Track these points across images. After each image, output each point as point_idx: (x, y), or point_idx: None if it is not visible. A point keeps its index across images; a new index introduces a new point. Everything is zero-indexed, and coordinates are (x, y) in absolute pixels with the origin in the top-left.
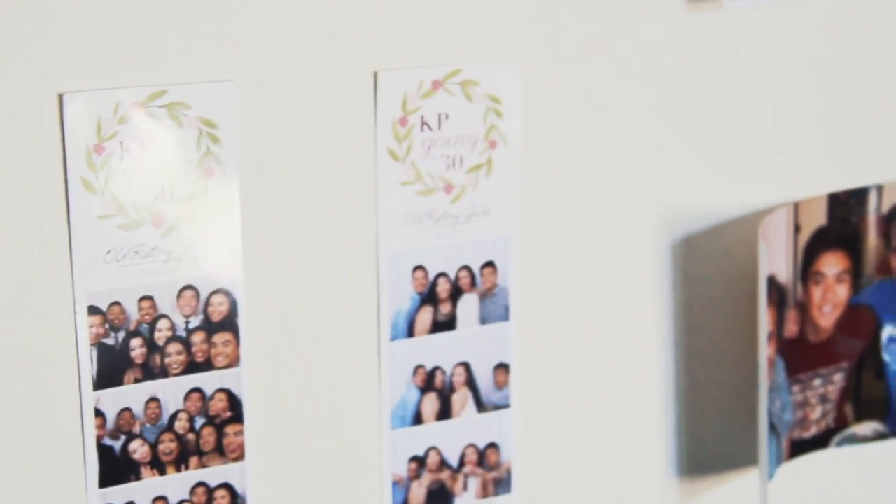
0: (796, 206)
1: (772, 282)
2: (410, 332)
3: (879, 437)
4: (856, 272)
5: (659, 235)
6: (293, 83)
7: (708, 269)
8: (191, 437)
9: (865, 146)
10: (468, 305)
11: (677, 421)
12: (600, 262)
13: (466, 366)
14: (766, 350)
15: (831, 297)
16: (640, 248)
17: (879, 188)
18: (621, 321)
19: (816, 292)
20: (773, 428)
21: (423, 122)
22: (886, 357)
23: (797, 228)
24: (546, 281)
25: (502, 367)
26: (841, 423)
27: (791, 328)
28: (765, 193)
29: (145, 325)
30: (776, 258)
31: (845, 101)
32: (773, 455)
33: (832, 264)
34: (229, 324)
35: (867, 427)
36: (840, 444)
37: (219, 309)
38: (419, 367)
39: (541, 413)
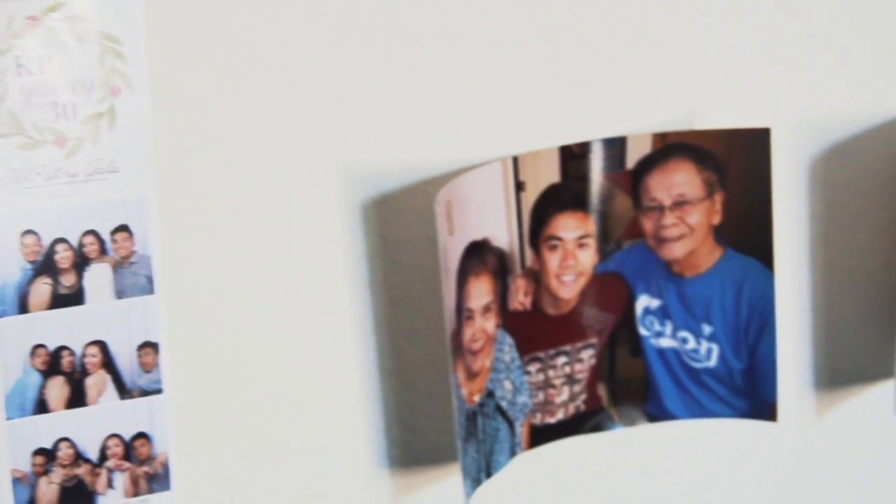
0: (516, 161)
1: (483, 247)
2: (24, 308)
3: (639, 420)
4: (601, 236)
5: (345, 195)
6: None
7: (410, 233)
8: None
9: (608, 95)
10: (99, 276)
11: (385, 406)
12: (270, 226)
13: (102, 345)
14: (450, 324)
15: (572, 263)
16: (321, 210)
17: (622, 140)
18: (302, 293)
19: (553, 259)
20: (502, 413)
21: (19, 65)
22: (643, 331)
23: (520, 186)
24: (200, 248)
25: (149, 347)
26: (593, 407)
27: (521, 299)
28: (480, 148)
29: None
30: (489, 220)
31: (575, 44)
32: (502, 444)
33: (570, 227)
34: None
35: (626, 410)
36: (593, 429)
37: None
38: (38, 346)
39: (203, 399)
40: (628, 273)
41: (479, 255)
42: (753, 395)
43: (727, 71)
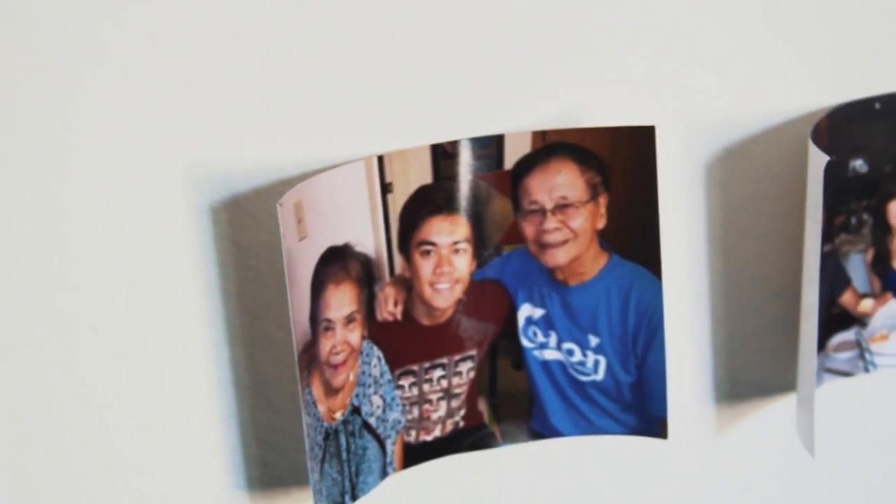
0: (381, 161)
1: (344, 253)
2: None
3: (523, 437)
4: (478, 241)
5: (192, 196)
6: None
7: (266, 237)
8: None
9: (486, 91)
10: None
11: (241, 424)
12: (106, 230)
13: None
14: (301, 336)
15: (447, 270)
16: (165, 212)
17: (499, 138)
18: (144, 303)
19: (425, 265)
20: (371, 431)
21: None
22: (525, 342)
23: (386, 187)
24: (26, 253)
25: None
26: (473, 423)
27: (390, 309)
28: (344, 146)
29: None
30: (351, 223)
31: (449, 36)
32: (371, 464)
33: (444, 231)
34: None
35: (508, 427)
36: (473, 447)
37: None
38: None
39: (31, 419)
40: (509, 281)
41: (339, 261)
42: (643, 411)
43: (618, 67)
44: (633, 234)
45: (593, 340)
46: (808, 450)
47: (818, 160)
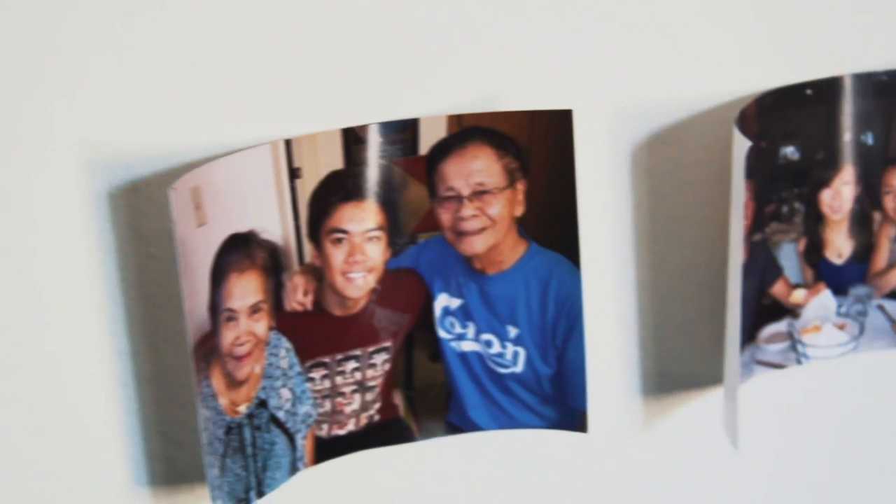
0: (289, 145)
1: (248, 240)
2: None
3: (440, 431)
4: (393, 228)
5: (89, 181)
6: None
7: (168, 224)
8: None
9: (401, 73)
10: None
11: (143, 417)
12: None
13: None
14: (198, 327)
15: (360, 259)
16: (61, 197)
17: (414, 122)
18: (39, 292)
19: (337, 254)
20: (279, 425)
21: None
22: (442, 333)
23: (294, 172)
24: None
25: None
26: (389, 416)
27: (299, 299)
28: (251, 130)
29: None
30: (256, 210)
31: (363, 16)
32: (279, 459)
33: (356, 219)
34: None
35: (425, 420)
36: (389, 441)
37: None
38: None
39: None
40: (425, 270)
41: (242, 249)
42: (563, 403)
43: (539, 49)
44: (551, 221)
45: (512, 331)
46: (732, 442)
47: (742, 146)
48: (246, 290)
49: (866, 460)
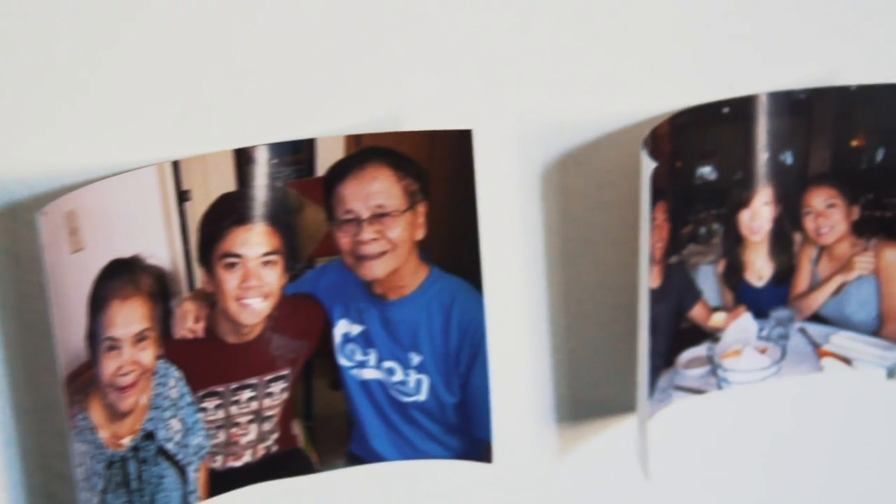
0: (177, 166)
1: (132, 266)
2: None
3: (342, 462)
4: (289, 253)
5: None
6: None
7: None
8: None
9: (298, 92)
10: None
11: (24, 450)
12: None
13: None
14: (73, 357)
15: (255, 284)
16: None
17: (310, 142)
18: None
19: (230, 279)
20: (168, 457)
21: None
22: (343, 361)
23: (183, 195)
24: None
25: None
26: (288, 447)
27: (190, 326)
28: (137, 151)
29: None
30: (141, 234)
31: (257, 33)
32: (169, 493)
33: (251, 243)
34: None
35: (326, 451)
36: (287, 473)
37: None
38: None
39: None
40: (323, 295)
41: (126, 274)
42: (467, 433)
43: (445, 66)
44: (453, 245)
45: (415, 358)
46: (643, 471)
47: (648, 167)
48: (130, 317)
49: (789, 486)
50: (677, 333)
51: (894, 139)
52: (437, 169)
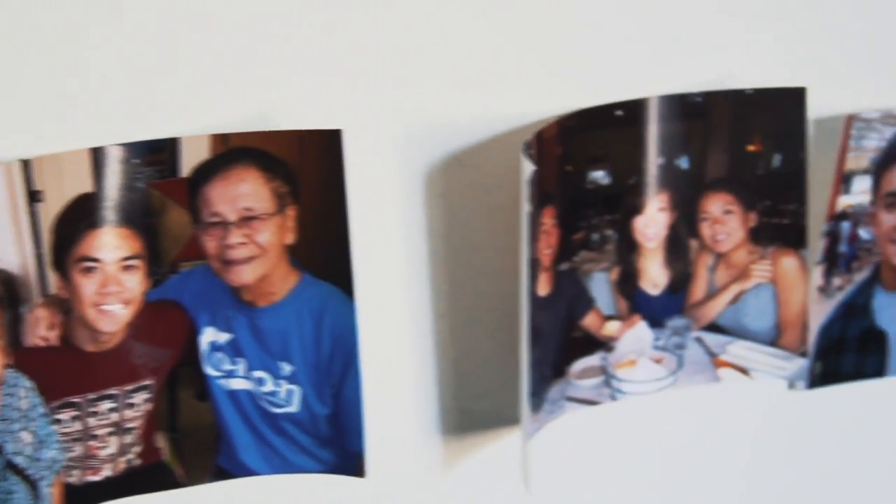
0: (27, 165)
1: None
2: None
3: (209, 476)
4: (152, 257)
5: None
6: None
7: None
8: None
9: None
10: None
11: None
12: None
13: None
14: None
15: (115, 290)
16: None
17: (173, 142)
18: None
19: (88, 284)
20: (17, 472)
21: None
22: (210, 370)
23: (35, 196)
24: None
25: None
26: (151, 460)
27: (42, 333)
28: None
29: None
30: None
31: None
32: None
33: (110, 246)
34: None
35: (192, 464)
36: (151, 488)
37: None
38: None
39: None
40: (189, 301)
41: None
42: (340, 446)
43: (320, 63)
44: (324, 250)
45: (286, 368)
46: (524, 484)
47: (528, 171)
48: None
49: (684, 500)
50: (569, 343)
51: (791, 144)
52: (308, 170)
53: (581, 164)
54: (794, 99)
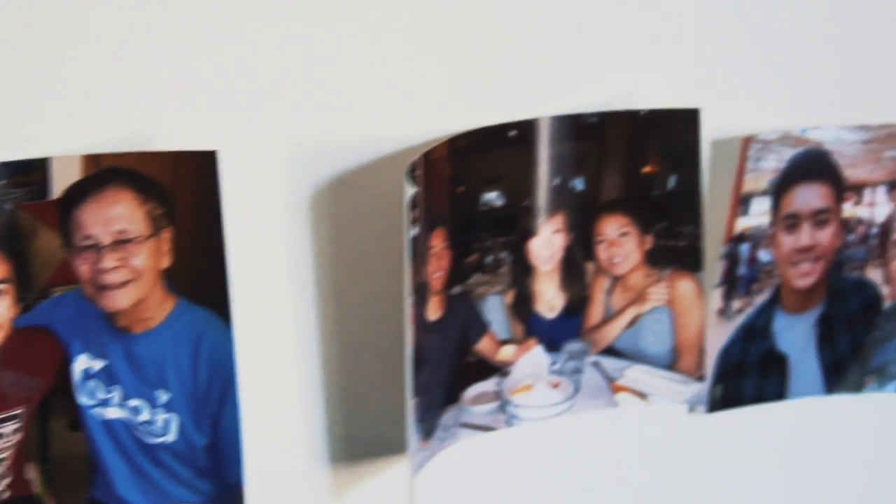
0: None
1: None
2: None
3: None
4: (21, 282)
5: None
6: None
7: None
8: None
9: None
10: None
11: None
12: None
13: None
14: None
15: None
16: None
17: (42, 162)
18: None
19: None
20: None
21: None
22: (83, 399)
23: None
24: None
25: None
26: (21, 493)
27: None
28: None
29: None
30: None
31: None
32: None
33: None
34: None
35: (66, 497)
36: None
37: None
38: None
39: None
40: (61, 328)
41: None
42: (218, 477)
43: (198, 81)
44: (201, 274)
45: (163, 396)
46: None
47: (409, 193)
48: None
49: None
50: (463, 368)
51: (686, 166)
52: (183, 192)
53: (474, 185)
54: (688, 120)
